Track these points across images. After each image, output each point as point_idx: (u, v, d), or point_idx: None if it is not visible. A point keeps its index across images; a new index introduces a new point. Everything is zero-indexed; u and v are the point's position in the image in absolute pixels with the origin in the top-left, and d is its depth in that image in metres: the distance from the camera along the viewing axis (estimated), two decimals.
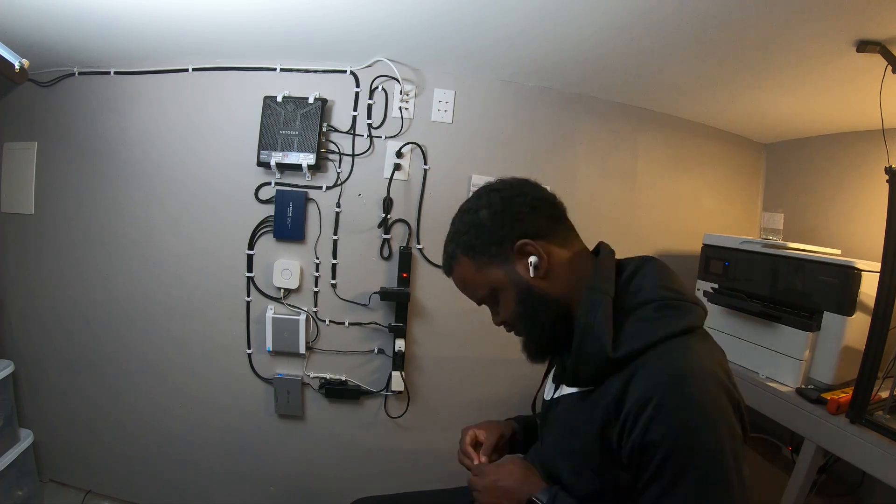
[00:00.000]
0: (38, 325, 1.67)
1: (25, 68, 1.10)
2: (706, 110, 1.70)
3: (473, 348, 1.71)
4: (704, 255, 1.56)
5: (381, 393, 1.67)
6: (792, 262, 1.29)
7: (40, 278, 1.65)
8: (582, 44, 1.27)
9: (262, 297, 1.60)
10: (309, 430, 1.69)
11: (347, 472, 1.73)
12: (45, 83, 1.59)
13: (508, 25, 1.21)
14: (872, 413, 1.02)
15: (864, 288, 1.13)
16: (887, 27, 0.98)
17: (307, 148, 1.50)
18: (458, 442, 0.98)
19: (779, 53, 1.17)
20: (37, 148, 1.61)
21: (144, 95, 1.56)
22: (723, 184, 1.87)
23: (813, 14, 0.97)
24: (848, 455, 1.04)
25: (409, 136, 1.58)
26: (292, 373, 1.64)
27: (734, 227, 1.89)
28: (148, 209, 1.59)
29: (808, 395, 1.16)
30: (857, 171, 1.58)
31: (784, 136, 1.83)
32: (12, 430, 1.58)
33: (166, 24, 1.29)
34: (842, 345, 1.16)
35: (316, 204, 1.57)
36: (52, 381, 1.69)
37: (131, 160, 1.58)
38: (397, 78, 1.53)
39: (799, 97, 1.42)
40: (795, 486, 1.17)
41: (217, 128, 1.56)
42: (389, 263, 1.62)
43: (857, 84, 1.24)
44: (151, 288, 1.62)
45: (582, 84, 1.59)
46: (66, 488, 1.75)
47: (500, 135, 1.63)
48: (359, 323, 1.63)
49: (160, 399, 1.67)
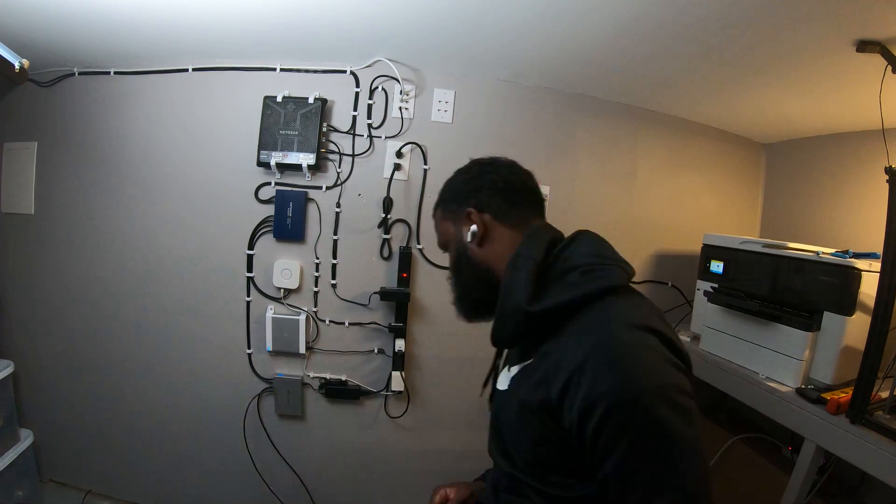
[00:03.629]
0: (38, 325, 1.67)
1: (25, 68, 1.11)
2: (706, 110, 1.70)
3: (473, 348, 1.70)
4: (704, 255, 1.56)
5: (381, 393, 1.67)
6: (792, 262, 1.28)
7: (40, 278, 1.65)
8: (582, 44, 1.27)
9: (262, 297, 1.60)
10: (309, 430, 1.69)
11: (347, 471, 1.73)
12: (45, 83, 1.59)
13: (509, 25, 1.21)
14: (872, 413, 1.02)
15: (864, 288, 1.13)
16: (887, 27, 0.98)
17: (307, 148, 1.50)
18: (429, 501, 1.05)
19: (779, 54, 1.17)
20: (37, 148, 1.61)
21: (144, 95, 1.57)
22: (723, 184, 1.87)
23: (813, 14, 0.97)
24: (848, 455, 1.04)
25: (409, 136, 1.59)
26: (292, 373, 1.64)
27: (734, 227, 1.89)
28: (148, 209, 1.59)
29: (808, 395, 1.16)
30: (857, 171, 1.58)
31: (784, 136, 1.83)
32: (12, 430, 1.58)
33: (166, 24, 1.29)
34: (842, 345, 1.16)
35: (316, 204, 1.57)
36: (52, 381, 1.69)
37: (131, 160, 1.58)
38: (397, 78, 1.53)
39: (799, 97, 1.42)
40: (795, 486, 1.17)
41: (217, 128, 1.56)
42: (389, 263, 1.62)
43: (857, 84, 1.24)
44: (151, 288, 1.62)
45: (582, 84, 1.59)
46: (66, 488, 1.75)
47: (501, 135, 1.63)
48: (359, 323, 1.63)
49: (160, 399, 1.67)
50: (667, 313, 1.82)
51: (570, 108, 1.67)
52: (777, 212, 1.88)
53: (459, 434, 1.77)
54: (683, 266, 1.81)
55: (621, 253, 0.78)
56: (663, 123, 1.76)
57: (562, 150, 1.68)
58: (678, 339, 0.64)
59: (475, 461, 1.82)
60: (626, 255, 0.78)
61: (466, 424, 1.77)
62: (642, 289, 1.78)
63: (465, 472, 1.83)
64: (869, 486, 1.34)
